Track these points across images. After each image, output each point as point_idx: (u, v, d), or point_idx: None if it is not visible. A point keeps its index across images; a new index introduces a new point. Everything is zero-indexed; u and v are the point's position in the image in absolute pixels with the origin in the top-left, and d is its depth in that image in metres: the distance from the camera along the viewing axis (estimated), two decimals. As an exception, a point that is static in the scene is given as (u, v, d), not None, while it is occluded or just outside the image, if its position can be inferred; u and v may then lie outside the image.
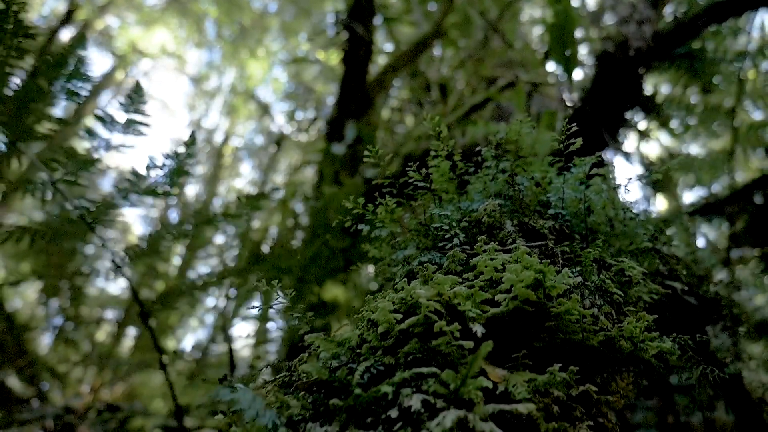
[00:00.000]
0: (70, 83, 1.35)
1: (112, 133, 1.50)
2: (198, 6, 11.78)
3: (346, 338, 0.64)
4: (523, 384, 0.57)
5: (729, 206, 2.91)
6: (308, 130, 8.67)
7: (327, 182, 4.25)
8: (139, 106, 1.38)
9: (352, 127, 4.45)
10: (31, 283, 6.20)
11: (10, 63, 1.40)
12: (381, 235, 0.97)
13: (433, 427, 0.50)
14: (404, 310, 0.65)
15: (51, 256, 3.51)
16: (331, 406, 0.55)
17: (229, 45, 12.47)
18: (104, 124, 1.44)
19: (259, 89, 12.34)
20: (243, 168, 12.73)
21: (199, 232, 2.31)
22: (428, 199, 0.94)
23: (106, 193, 1.78)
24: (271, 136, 10.97)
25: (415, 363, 0.60)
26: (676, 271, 1.18)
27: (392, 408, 0.56)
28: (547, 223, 0.85)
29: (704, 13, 2.40)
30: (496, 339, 0.65)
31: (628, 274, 0.81)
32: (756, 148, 2.93)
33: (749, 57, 2.72)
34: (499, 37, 4.47)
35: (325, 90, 9.06)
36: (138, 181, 1.58)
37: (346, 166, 4.26)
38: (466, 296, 0.65)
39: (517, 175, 0.93)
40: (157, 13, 12.31)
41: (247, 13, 11.82)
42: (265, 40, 12.08)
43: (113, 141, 1.54)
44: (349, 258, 2.98)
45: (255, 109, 12.07)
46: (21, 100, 1.46)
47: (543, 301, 0.65)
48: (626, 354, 0.67)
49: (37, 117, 1.54)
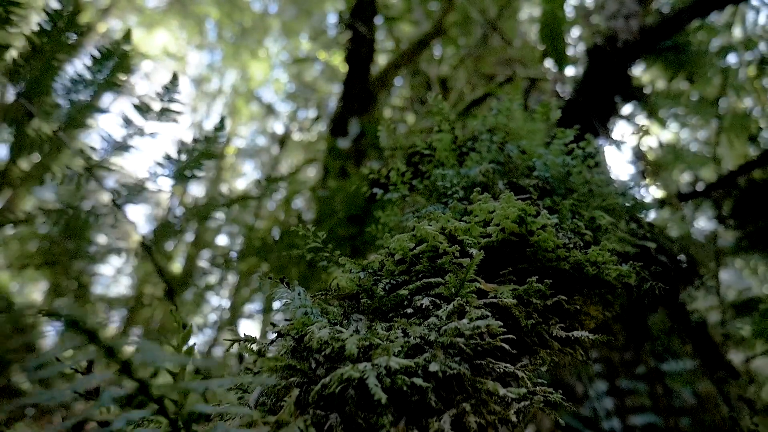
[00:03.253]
0: (114, 76, 1.53)
1: (147, 121, 1.67)
2: (199, 8, 11.93)
3: (369, 262, 0.81)
4: (508, 291, 0.75)
5: (715, 191, 3.08)
6: (310, 130, 8.83)
7: (332, 176, 4.41)
8: (174, 95, 1.56)
9: (355, 123, 4.61)
10: (37, 283, 6.36)
11: (58, 57, 1.57)
12: (392, 198, 1.14)
13: (438, 313, 0.67)
14: (415, 242, 0.82)
15: (57, 256, 3.65)
16: (362, 306, 0.73)
17: (230, 46, 12.61)
18: (140, 112, 1.62)
19: (261, 90, 12.49)
20: (245, 168, 12.87)
21: (208, 221, 2.47)
22: (432, 165, 1.11)
23: (138, 177, 1.95)
24: (273, 136, 11.13)
25: (425, 277, 0.77)
26: (650, 232, 1.35)
27: (408, 307, 0.73)
28: (532, 182, 1.02)
29: (688, 7, 2.57)
30: (488, 263, 0.83)
31: (598, 223, 0.98)
32: (740, 136, 3.09)
33: (732, 49, 2.89)
34: (498, 35, 4.63)
35: (327, 89, 9.21)
36: (169, 165, 1.75)
37: (351, 160, 4.42)
38: (464, 230, 0.82)
39: (507, 143, 1.10)
40: (159, 15, 12.46)
41: (247, 14, 11.98)
42: (266, 41, 12.23)
43: (146, 129, 1.72)
44: (355, 246, 3.15)
45: (257, 110, 12.22)
46: (67, 91, 1.64)
47: (525, 233, 0.82)
48: (591, 276, 0.84)
49: (79, 107, 1.71)
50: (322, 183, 4.47)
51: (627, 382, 2.58)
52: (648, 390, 2.74)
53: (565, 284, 0.85)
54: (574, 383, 2.83)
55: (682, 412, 2.62)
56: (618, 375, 2.64)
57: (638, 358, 2.08)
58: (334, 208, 3.25)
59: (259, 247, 2.76)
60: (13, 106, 1.70)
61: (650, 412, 2.65)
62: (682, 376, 2.61)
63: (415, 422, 0.59)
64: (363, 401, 0.58)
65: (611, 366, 2.75)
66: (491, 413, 0.61)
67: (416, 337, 0.64)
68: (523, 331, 0.75)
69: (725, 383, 1.31)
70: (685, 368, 2.48)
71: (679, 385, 2.78)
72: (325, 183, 4.23)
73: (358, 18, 4.94)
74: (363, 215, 3.09)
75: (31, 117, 1.73)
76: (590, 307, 0.95)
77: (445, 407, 0.61)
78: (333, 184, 3.44)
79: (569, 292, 0.85)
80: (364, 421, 0.58)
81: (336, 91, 8.07)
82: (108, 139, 1.74)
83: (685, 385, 2.78)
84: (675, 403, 2.72)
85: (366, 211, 3.07)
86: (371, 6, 5.06)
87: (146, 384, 0.41)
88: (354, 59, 4.93)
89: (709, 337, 1.39)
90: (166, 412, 0.44)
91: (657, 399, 2.72)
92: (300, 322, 0.68)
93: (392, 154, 1.33)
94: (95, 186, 1.93)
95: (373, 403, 0.58)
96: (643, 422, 2.61)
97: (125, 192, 1.90)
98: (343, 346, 0.63)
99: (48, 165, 1.96)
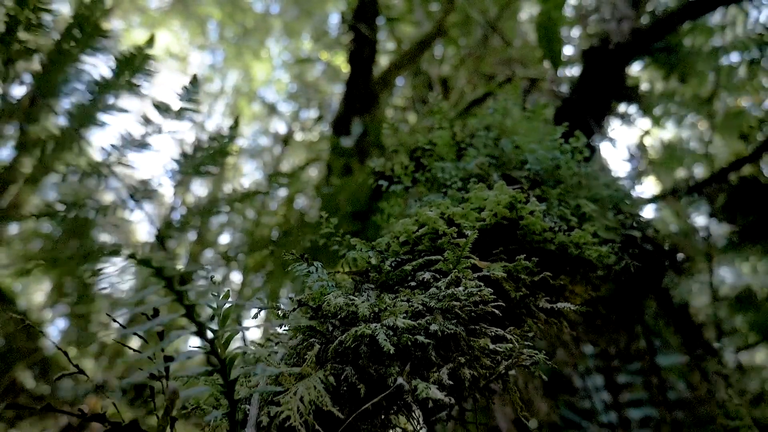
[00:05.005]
0: (134, 77, 1.64)
1: (166, 120, 1.78)
2: (201, 8, 12.03)
3: (377, 243, 0.92)
4: (499, 267, 0.85)
5: (708, 187, 3.18)
6: (312, 130, 8.93)
7: (336, 174, 4.50)
8: (193, 96, 1.66)
9: (358, 122, 4.71)
10: (41, 283, 6.45)
11: (82, 60, 1.68)
12: (397, 189, 1.24)
13: (438, 284, 0.77)
14: (418, 225, 0.92)
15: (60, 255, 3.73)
16: (371, 280, 0.83)
17: (232, 47, 12.71)
18: (160, 111, 1.73)
19: (263, 90, 12.58)
20: (247, 168, 12.95)
21: (212, 217, 2.57)
22: (433, 159, 1.22)
23: (147, 176, 2.05)
24: (276, 136, 11.23)
25: (426, 255, 0.87)
26: (637, 223, 1.45)
27: (412, 281, 0.83)
28: (524, 174, 1.13)
29: (679, 10, 2.67)
30: (482, 244, 0.93)
31: (583, 210, 1.08)
32: (732, 134, 3.18)
33: (724, 50, 2.98)
34: (499, 36, 4.73)
35: (329, 89, 9.30)
36: (186, 161, 1.86)
37: (354, 158, 4.52)
38: (462, 215, 0.92)
39: (501, 139, 1.20)
40: (161, 16, 12.56)
41: (249, 14, 12.08)
42: (267, 41, 12.32)
43: (165, 127, 1.82)
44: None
45: (259, 110, 12.32)
46: (89, 91, 1.75)
47: (515, 218, 0.92)
48: (575, 256, 0.94)
49: (99, 107, 1.82)
50: (325, 181, 4.57)
51: (625, 377, 2.68)
52: (643, 381, 2.84)
53: (552, 263, 0.95)
54: (572, 376, 2.93)
55: (677, 405, 2.72)
56: (614, 368, 2.73)
57: (631, 340, 2.18)
58: (338, 205, 3.35)
59: (265, 241, 2.86)
60: (35, 106, 1.81)
61: (648, 405, 2.75)
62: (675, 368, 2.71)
63: (418, 373, 0.69)
64: (374, 355, 0.69)
65: (607, 357, 2.85)
66: (483, 367, 0.71)
67: (419, 303, 0.75)
68: (513, 302, 0.85)
69: (703, 360, 1.41)
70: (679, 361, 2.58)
71: (674, 377, 2.89)
72: (329, 181, 4.32)
73: (360, 19, 5.03)
74: (367, 211, 3.19)
75: (50, 116, 1.83)
76: (576, 286, 1.05)
77: (444, 362, 0.71)
78: (337, 182, 3.54)
79: (555, 270, 0.95)
80: (374, 371, 0.68)
81: (338, 92, 8.17)
82: (126, 137, 1.85)
83: (679, 378, 2.89)
84: (670, 396, 2.82)
85: (369, 208, 3.16)
86: (373, 7, 5.15)
87: (203, 327, 0.51)
88: (356, 60, 5.02)
89: (690, 319, 1.49)
90: (217, 352, 0.54)
91: (651, 389, 2.82)
92: (318, 292, 0.79)
93: (396, 150, 1.44)
94: (102, 184, 2.03)
95: (382, 356, 0.69)
96: (641, 415, 2.71)
97: (141, 189, 2.01)
98: (356, 311, 0.73)
99: (56, 163, 2.07)
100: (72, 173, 1.95)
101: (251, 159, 12.06)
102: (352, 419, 0.64)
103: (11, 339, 3.73)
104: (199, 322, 0.51)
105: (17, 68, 1.72)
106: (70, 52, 1.54)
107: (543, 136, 1.29)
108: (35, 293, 7.18)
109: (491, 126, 1.34)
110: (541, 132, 1.36)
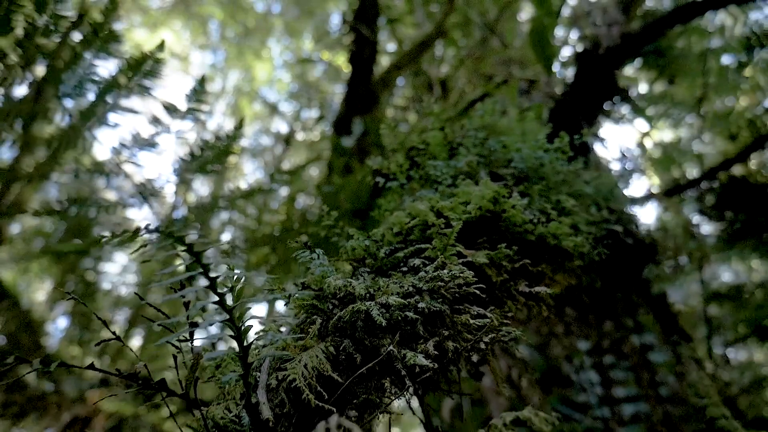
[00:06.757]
0: (144, 80, 1.73)
1: (174, 120, 1.87)
2: (203, 8, 12.11)
3: (373, 233, 1.01)
4: (482, 254, 0.95)
5: (698, 186, 3.27)
6: (313, 129, 9.02)
7: (337, 173, 4.59)
8: (201, 96, 1.76)
9: (359, 122, 4.79)
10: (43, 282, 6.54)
11: (94, 63, 1.78)
12: (393, 186, 1.34)
13: (426, 269, 0.87)
14: (410, 218, 1.02)
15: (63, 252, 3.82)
16: (367, 265, 0.93)
17: (234, 46, 12.78)
18: (168, 112, 1.82)
19: (264, 90, 12.67)
20: (248, 167, 13.05)
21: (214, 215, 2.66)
22: (426, 158, 1.31)
23: (158, 174, 2.14)
24: (277, 136, 11.33)
25: (417, 243, 0.97)
26: (620, 219, 1.54)
27: (404, 266, 0.93)
28: (509, 171, 1.22)
29: (669, 14, 2.76)
30: (467, 234, 1.03)
31: (563, 205, 1.18)
32: (721, 134, 3.28)
33: (713, 53, 3.07)
34: (497, 37, 4.81)
35: (330, 89, 9.39)
36: (191, 161, 1.96)
37: (355, 158, 4.61)
38: (449, 208, 1.02)
39: (489, 139, 1.30)
40: (163, 16, 12.65)
41: (251, 14, 12.17)
42: (269, 41, 12.40)
43: (173, 127, 1.92)
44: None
45: (260, 109, 12.40)
46: (100, 93, 1.85)
47: (498, 211, 1.02)
48: (552, 246, 1.04)
49: (109, 107, 1.92)
50: (326, 180, 4.65)
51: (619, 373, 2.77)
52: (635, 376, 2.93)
53: (532, 252, 1.05)
54: (567, 371, 3.03)
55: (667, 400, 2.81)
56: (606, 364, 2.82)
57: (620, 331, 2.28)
58: (339, 203, 3.44)
59: (267, 238, 2.95)
60: (41, 105, 1.91)
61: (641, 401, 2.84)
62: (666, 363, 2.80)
63: (408, 345, 0.79)
64: (369, 329, 0.78)
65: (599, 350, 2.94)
66: (465, 340, 0.81)
67: (409, 285, 0.84)
68: (495, 286, 0.95)
69: (678, 345, 1.50)
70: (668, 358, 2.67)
71: (665, 372, 2.98)
72: (330, 180, 4.41)
73: (361, 20, 5.10)
74: (367, 210, 3.28)
75: (57, 115, 1.93)
76: (558, 275, 1.15)
77: (430, 336, 0.81)
78: (338, 181, 3.63)
79: (535, 259, 1.05)
80: (369, 342, 0.78)
81: (339, 91, 8.27)
82: (136, 137, 1.95)
83: (670, 372, 2.98)
84: (662, 392, 2.92)
85: (369, 206, 3.25)
86: (374, 8, 5.23)
87: (223, 298, 0.61)
88: (357, 60, 5.10)
89: (667, 307, 1.58)
90: (234, 320, 0.63)
91: (641, 382, 2.92)
92: (320, 276, 0.88)
93: (395, 149, 1.53)
94: (106, 183, 2.13)
95: (376, 329, 0.78)
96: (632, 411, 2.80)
97: (149, 188, 2.11)
98: (353, 291, 0.83)
99: (59, 161, 2.16)
100: (76, 172, 2.05)
101: (253, 158, 12.15)
102: (350, 383, 0.74)
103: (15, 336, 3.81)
104: (221, 293, 0.60)
105: (33, 71, 1.82)
106: (83, 55, 1.63)
107: (529, 135, 1.38)
108: (37, 290, 7.27)
109: (481, 127, 1.44)
110: (528, 132, 1.45)
